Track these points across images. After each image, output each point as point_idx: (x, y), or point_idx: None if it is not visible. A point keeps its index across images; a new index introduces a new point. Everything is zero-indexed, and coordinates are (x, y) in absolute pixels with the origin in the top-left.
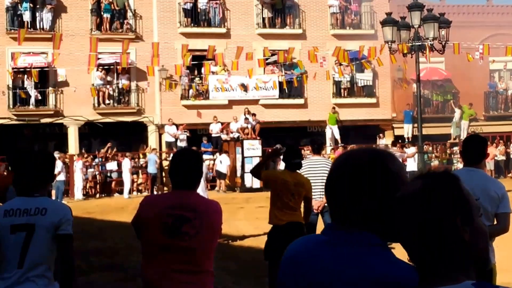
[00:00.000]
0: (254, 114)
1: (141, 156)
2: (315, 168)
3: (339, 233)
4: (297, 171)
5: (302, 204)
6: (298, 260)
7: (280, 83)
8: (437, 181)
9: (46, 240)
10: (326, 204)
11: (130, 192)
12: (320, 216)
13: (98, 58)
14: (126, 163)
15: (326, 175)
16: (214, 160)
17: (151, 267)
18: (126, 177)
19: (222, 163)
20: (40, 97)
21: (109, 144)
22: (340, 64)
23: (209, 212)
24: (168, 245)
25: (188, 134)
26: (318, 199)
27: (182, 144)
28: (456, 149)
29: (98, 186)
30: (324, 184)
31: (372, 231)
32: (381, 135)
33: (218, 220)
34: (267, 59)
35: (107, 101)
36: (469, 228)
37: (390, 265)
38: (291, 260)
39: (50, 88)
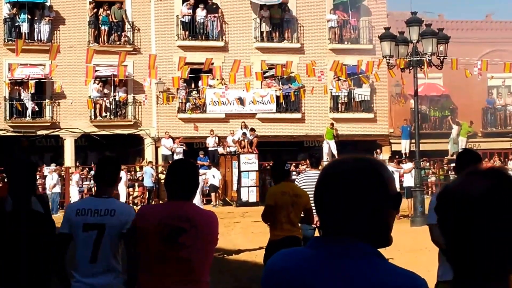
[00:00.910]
0: (252, 129)
1: (137, 169)
2: (313, 181)
3: (331, 244)
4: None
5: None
6: (286, 276)
7: (278, 97)
8: (507, 181)
9: (114, 238)
10: None
11: None
12: (317, 230)
13: (96, 70)
14: (122, 176)
15: None
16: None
17: (147, 277)
18: (122, 190)
19: (215, 177)
20: (36, 109)
21: None
22: (339, 79)
23: (206, 222)
24: (164, 255)
25: (184, 148)
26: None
27: (178, 157)
28: (453, 165)
29: None
30: None
31: (365, 240)
32: (378, 150)
33: (215, 231)
34: (264, 72)
35: (103, 114)
36: None
37: (388, 274)
38: (277, 276)
39: (47, 100)
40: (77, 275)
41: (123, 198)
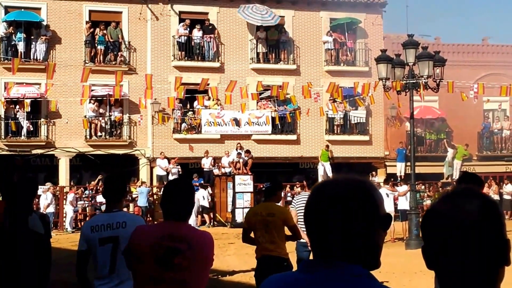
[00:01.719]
0: (248, 151)
1: (132, 189)
2: None
3: (322, 268)
4: (278, 203)
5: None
6: None
7: (273, 119)
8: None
9: None
10: None
11: None
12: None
13: (92, 90)
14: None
15: None
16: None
17: None
18: None
19: (204, 198)
20: (31, 128)
21: (100, 177)
22: (335, 101)
23: (202, 243)
24: (159, 276)
25: (179, 169)
26: None
27: (173, 177)
28: (449, 188)
29: (88, 219)
30: None
31: (356, 261)
32: (373, 172)
33: (211, 252)
34: (260, 93)
35: (99, 133)
36: None
37: None
38: None
39: (42, 119)
40: (98, 283)
41: None
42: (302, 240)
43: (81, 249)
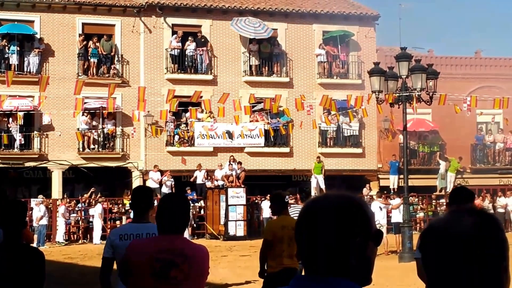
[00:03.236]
0: (240, 163)
1: (125, 201)
2: None
3: (315, 284)
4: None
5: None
6: None
7: (266, 131)
8: (489, 220)
9: None
10: None
11: (105, 238)
12: None
13: (85, 103)
14: (97, 209)
15: None
16: (200, 207)
17: None
18: (97, 223)
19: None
20: (23, 141)
21: (92, 189)
22: (329, 113)
23: (198, 256)
24: None
25: (173, 181)
26: None
27: (166, 190)
28: (442, 201)
29: (80, 231)
30: None
31: (347, 277)
32: (367, 185)
33: (206, 265)
34: (253, 106)
35: (92, 146)
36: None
37: None
38: None
39: (35, 132)
40: None
41: (97, 231)
42: None
43: (106, 256)
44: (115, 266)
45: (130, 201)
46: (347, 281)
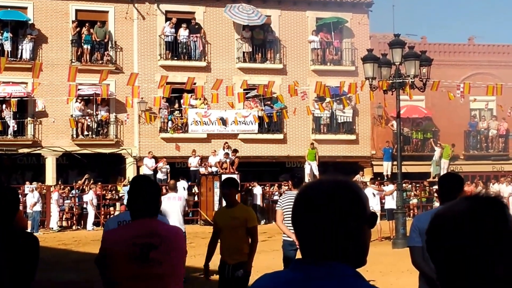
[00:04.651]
0: (235, 150)
1: (118, 188)
2: None
3: (311, 267)
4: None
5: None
6: None
7: (260, 118)
8: (486, 204)
9: None
10: None
11: (98, 224)
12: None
13: (78, 89)
14: (89, 195)
15: None
16: (194, 194)
17: None
18: (90, 209)
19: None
20: (15, 128)
21: (86, 176)
22: (320, 99)
23: (174, 237)
24: (138, 274)
25: (168, 168)
26: None
27: (162, 176)
28: (435, 187)
29: (74, 218)
30: None
31: (344, 261)
32: (360, 172)
33: (182, 244)
34: (247, 92)
35: (85, 133)
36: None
37: None
38: None
39: (29, 118)
40: None
41: (90, 217)
42: (289, 239)
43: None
44: None
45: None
46: (344, 264)
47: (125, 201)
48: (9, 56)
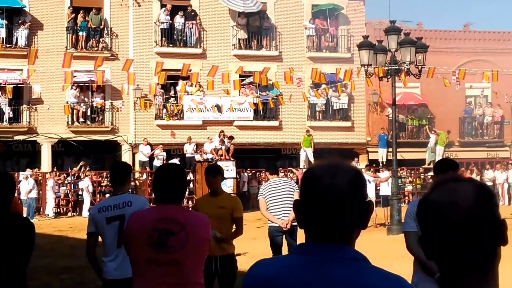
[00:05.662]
0: (231, 137)
1: None
2: (277, 187)
3: (317, 250)
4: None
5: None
6: (279, 284)
7: (256, 105)
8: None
9: None
10: (293, 224)
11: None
12: (284, 237)
13: (74, 76)
14: (85, 182)
15: (290, 193)
16: (189, 181)
17: (140, 280)
18: (85, 196)
19: None
20: (11, 115)
21: (82, 163)
22: (318, 86)
23: (196, 225)
24: (154, 258)
25: (164, 155)
26: (284, 218)
27: (158, 163)
28: (431, 174)
29: (70, 204)
30: (289, 202)
31: (347, 243)
32: (356, 158)
33: (205, 233)
34: (243, 79)
35: (81, 119)
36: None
37: (376, 278)
38: (269, 284)
39: (24, 105)
40: (106, 259)
41: (86, 204)
42: (275, 225)
43: (89, 231)
44: (100, 240)
45: (109, 176)
46: (351, 248)
47: None
48: (4, 43)
